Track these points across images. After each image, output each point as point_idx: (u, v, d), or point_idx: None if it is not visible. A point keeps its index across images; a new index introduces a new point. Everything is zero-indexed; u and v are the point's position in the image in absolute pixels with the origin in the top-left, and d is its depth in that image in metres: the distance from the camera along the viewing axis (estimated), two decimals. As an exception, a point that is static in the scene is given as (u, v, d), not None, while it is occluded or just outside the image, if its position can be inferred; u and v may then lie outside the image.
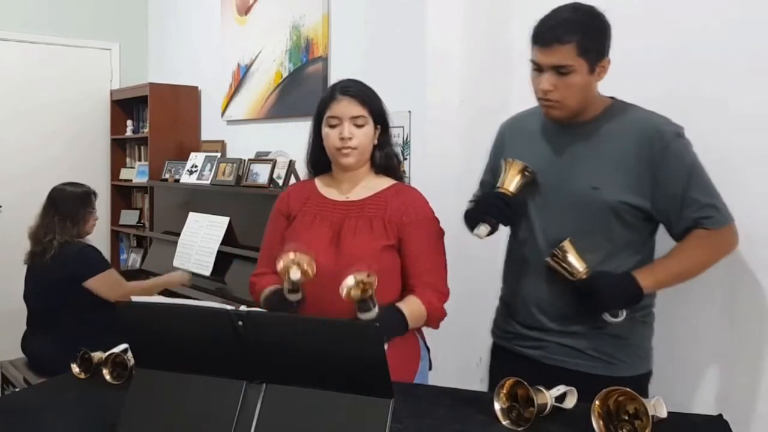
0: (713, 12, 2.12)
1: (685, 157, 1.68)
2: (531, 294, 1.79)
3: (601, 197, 1.68)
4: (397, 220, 1.82)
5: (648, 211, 1.69)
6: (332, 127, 1.82)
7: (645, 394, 1.72)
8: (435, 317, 1.83)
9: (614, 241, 1.71)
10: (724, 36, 2.09)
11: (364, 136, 1.82)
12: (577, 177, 1.71)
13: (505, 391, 1.45)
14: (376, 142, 1.88)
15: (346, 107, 1.81)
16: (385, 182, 1.90)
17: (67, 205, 3.22)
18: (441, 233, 1.89)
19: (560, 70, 1.63)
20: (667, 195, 1.67)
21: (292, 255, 1.61)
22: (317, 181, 1.95)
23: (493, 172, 1.90)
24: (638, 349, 1.77)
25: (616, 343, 1.73)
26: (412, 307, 1.77)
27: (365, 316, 1.58)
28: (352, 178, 1.89)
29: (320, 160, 1.93)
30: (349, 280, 1.54)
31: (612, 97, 1.78)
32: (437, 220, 1.89)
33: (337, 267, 1.72)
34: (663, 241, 1.78)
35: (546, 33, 1.64)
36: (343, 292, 1.55)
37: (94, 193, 3.36)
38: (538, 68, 1.67)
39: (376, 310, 1.59)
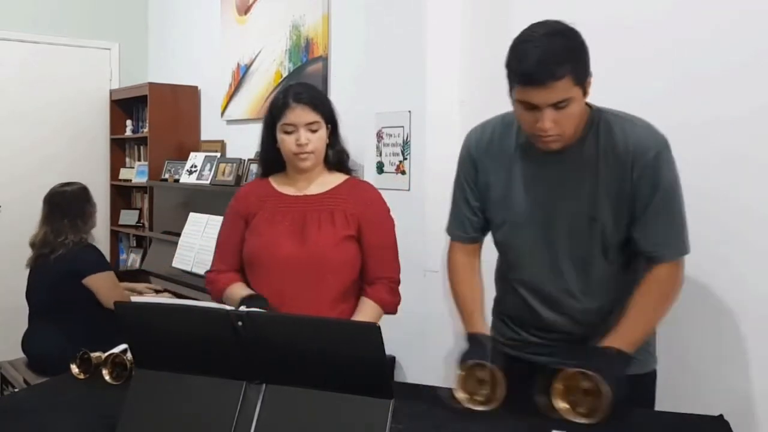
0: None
1: (660, 181, 1.57)
2: (538, 320, 1.72)
3: (601, 227, 1.61)
4: (358, 213, 1.92)
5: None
6: (288, 133, 1.88)
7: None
8: (390, 309, 1.97)
9: (610, 261, 1.65)
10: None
11: (318, 140, 1.90)
12: (574, 207, 1.62)
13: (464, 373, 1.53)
14: (327, 141, 1.94)
15: (300, 115, 1.86)
16: (339, 177, 2.00)
17: (72, 205, 3.26)
18: (394, 226, 2.01)
19: (559, 105, 1.48)
20: (637, 216, 1.60)
21: None
22: (272, 180, 2.02)
23: (471, 188, 1.77)
24: (649, 345, 1.73)
25: None
26: (370, 315, 1.91)
27: None
28: (308, 176, 1.97)
29: (275, 161, 1.98)
30: None
31: (588, 105, 1.62)
32: (391, 216, 2.01)
33: (301, 258, 1.87)
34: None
35: (538, 72, 1.44)
36: None
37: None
38: (532, 107, 1.50)
39: None
